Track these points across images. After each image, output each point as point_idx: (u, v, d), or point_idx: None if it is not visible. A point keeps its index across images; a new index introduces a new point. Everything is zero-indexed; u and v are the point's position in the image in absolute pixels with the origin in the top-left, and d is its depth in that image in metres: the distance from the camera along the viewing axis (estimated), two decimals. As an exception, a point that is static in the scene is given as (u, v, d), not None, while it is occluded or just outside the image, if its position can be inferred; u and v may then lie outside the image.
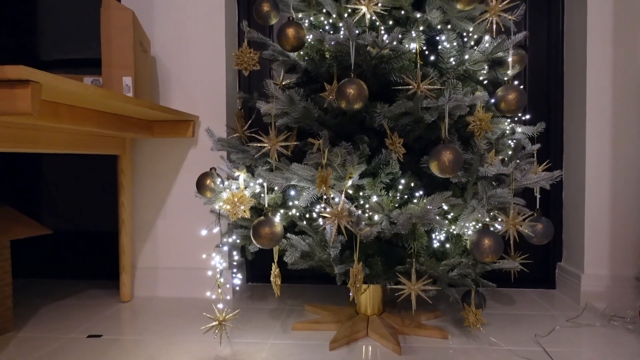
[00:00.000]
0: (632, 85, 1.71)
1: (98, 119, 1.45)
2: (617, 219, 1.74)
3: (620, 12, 1.71)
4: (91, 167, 2.21)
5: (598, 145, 1.73)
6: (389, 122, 1.26)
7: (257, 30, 1.79)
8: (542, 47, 1.97)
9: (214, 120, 1.87)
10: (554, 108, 1.95)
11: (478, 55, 1.30)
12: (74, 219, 2.23)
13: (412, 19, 1.31)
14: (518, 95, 1.21)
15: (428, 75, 1.29)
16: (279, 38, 1.24)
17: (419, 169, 1.36)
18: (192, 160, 1.90)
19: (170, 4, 1.87)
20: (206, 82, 1.87)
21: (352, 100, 1.13)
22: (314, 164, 1.18)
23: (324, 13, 1.36)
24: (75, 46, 2.24)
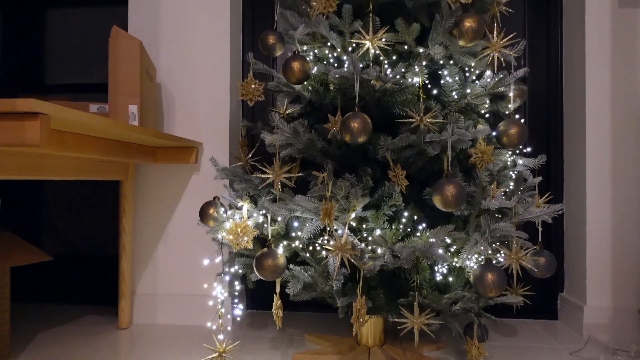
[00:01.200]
0: (632, 115, 1.74)
1: (103, 146, 1.46)
2: (618, 250, 1.73)
3: (618, 43, 1.75)
4: (93, 192, 2.22)
5: (598, 176, 1.74)
6: (392, 154, 1.27)
7: (261, 61, 1.82)
8: (541, 78, 2.00)
9: (217, 146, 1.88)
10: (554, 140, 1.97)
11: (480, 89, 1.32)
12: (74, 243, 2.22)
13: (415, 53, 1.33)
14: (520, 129, 1.22)
15: (431, 109, 1.31)
16: (285, 71, 1.27)
17: (421, 200, 1.37)
18: (195, 187, 1.90)
19: (176, 33, 1.91)
20: (210, 109, 1.89)
21: (356, 134, 1.14)
22: (318, 196, 1.19)
23: (328, 46, 1.39)
24: (80, 71, 2.27)
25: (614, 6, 1.76)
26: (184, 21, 1.90)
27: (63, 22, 2.29)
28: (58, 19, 2.29)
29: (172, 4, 1.91)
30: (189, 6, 1.90)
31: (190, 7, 1.90)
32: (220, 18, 1.88)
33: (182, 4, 1.90)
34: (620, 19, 1.75)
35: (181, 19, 1.90)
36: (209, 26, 1.89)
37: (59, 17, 2.29)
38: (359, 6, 1.33)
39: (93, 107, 1.65)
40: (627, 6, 1.76)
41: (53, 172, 1.42)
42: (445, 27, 1.22)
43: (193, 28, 1.90)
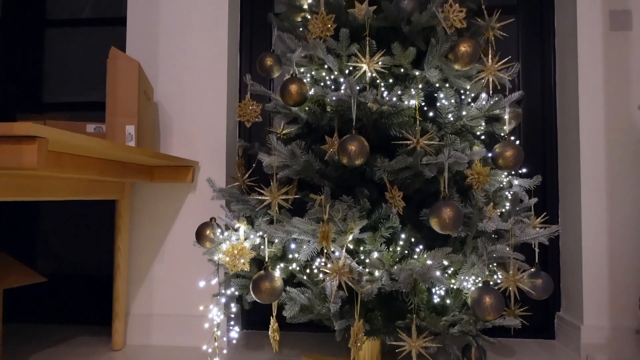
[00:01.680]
0: (625, 136, 1.76)
1: (100, 167, 1.46)
2: (615, 269, 1.74)
3: (610, 65, 1.78)
4: (88, 211, 2.20)
5: (594, 196, 1.75)
6: (389, 175, 1.28)
7: (258, 81, 1.84)
8: (536, 100, 2.03)
9: (214, 166, 1.89)
10: (549, 160, 1.99)
11: (475, 111, 1.33)
12: (68, 262, 2.20)
13: (411, 76, 1.35)
14: (516, 152, 1.23)
15: (427, 131, 1.32)
16: (282, 94, 1.28)
17: (418, 221, 1.37)
18: (191, 206, 1.90)
19: (174, 53, 1.92)
20: (207, 128, 1.90)
21: (353, 157, 1.15)
22: (315, 218, 1.19)
23: (325, 69, 1.41)
24: (78, 90, 2.28)
25: (605, 29, 1.79)
26: (182, 42, 1.92)
27: (62, 41, 2.30)
28: (57, 38, 2.31)
29: (170, 25, 1.93)
30: (187, 27, 1.92)
31: (189, 28, 1.92)
32: (218, 39, 1.90)
33: (180, 25, 1.92)
34: (612, 41, 1.78)
35: (179, 39, 1.92)
36: (207, 47, 1.90)
37: (57, 36, 2.31)
38: (355, 30, 1.35)
39: (90, 127, 1.65)
40: (618, 29, 1.79)
41: (50, 193, 1.42)
42: (441, 52, 1.24)
43: (191, 48, 1.91)
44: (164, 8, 1.94)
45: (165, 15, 1.94)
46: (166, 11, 1.94)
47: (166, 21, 1.94)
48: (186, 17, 1.92)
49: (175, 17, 1.93)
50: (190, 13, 1.92)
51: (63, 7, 2.32)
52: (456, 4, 1.27)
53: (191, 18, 1.92)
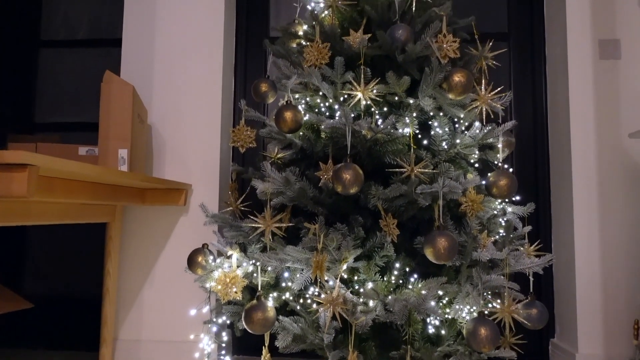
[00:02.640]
0: (617, 162, 1.77)
1: (92, 191, 1.44)
2: (608, 296, 1.73)
3: (601, 92, 1.80)
4: (78, 232, 2.17)
5: (586, 222, 1.76)
6: (383, 203, 1.28)
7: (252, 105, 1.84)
8: (528, 127, 2.05)
9: (207, 189, 1.87)
10: (542, 187, 2.00)
11: (469, 139, 1.34)
12: (56, 285, 2.16)
13: (405, 104, 1.36)
14: (509, 181, 1.24)
15: (421, 158, 1.33)
16: (277, 120, 1.28)
17: (413, 248, 1.36)
18: (183, 228, 1.88)
19: (169, 76, 1.92)
20: (201, 151, 1.89)
21: (348, 185, 1.15)
22: (309, 246, 1.18)
23: (320, 95, 1.41)
24: (70, 110, 2.27)
25: (595, 57, 1.82)
26: (177, 64, 1.92)
27: (56, 61, 2.30)
28: (51, 58, 2.30)
29: (165, 47, 1.93)
30: (182, 50, 1.93)
31: (184, 50, 1.93)
32: (213, 62, 1.91)
33: (175, 47, 1.93)
34: (602, 69, 1.82)
35: (174, 61, 1.93)
36: (202, 70, 1.91)
37: (52, 56, 2.30)
38: (350, 58, 1.36)
39: (82, 149, 1.63)
40: (608, 58, 1.83)
41: (39, 217, 1.39)
42: (435, 81, 1.25)
43: (186, 71, 1.92)
44: (159, 30, 1.95)
45: (161, 38, 1.94)
46: (161, 33, 1.95)
47: (161, 43, 1.94)
48: (181, 40, 1.93)
49: (171, 40, 1.94)
50: (185, 36, 1.93)
51: (58, 28, 2.32)
52: (450, 35, 1.28)
53: (186, 41, 1.93)
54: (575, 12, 1.85)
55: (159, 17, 1.95)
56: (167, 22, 1.94)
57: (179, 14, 1.94)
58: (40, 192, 1.20)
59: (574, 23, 1.84)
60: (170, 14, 1.95)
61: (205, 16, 1.93)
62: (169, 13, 1.95)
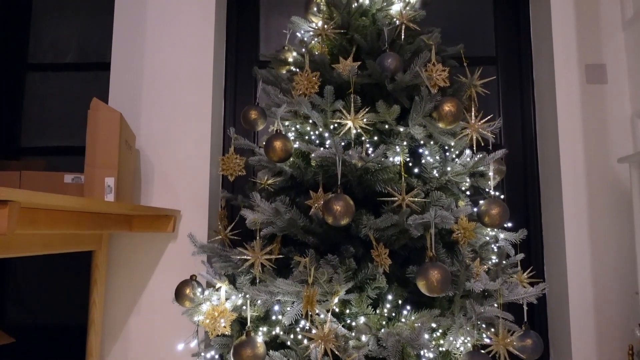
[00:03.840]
0: (607, 187, 1.78)
1: (77, 220, 1.40)
2: (602, 321, 1.72)
3: (588, 116, 1.82)
4: (62, 261, 2.12)
5: (578, 248, 1.75)
6: (375, 233, 1.26)
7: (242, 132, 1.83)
8: (517, 152, 2.05)
9: (196, 215, 1.84)
10: (532, 212, 1.99)
11: (460, 167, 1.34)
12: (39, 314, 2.09)
13: (395, 132, 1.35)
14: (501, 210, 1.23)
15: (412, 187, 1.32)
16: (267, 150, 1.26)
17: (405, 277, 1.34)
18: (171, 255, 1.84)
19: (157, 101, 1.90)
20: (190, 177, 1.86)
21: (338, 217, 1.13)
22: (300, 279, 1.15)
23: (310, 123, 1.40)
24: (57, 134, 2.24)
25: (582, 82, 1.84)
26: (167, 89, 1.91)
27: (43, 85, 2.27)
28: (38, 81, 2.28)
29: (154, 72, 1.92)
30: (171, 74, 1.91)
31: (173, 75, 1.91)
32: (203, 87, 1.90)
33: (164, 72, 1.92)
34: (589, 93, 1.83)
35: (163, 86, 1.91)
36: (191, 95, 1.90)
37: (39, 80, 2.28)
38: (340, 86, 1.36)
39: (68, 177, 1.60)
40: (594, 82, 1.85)
41: (21, 249, 1.35)
42: (425, 110, 1.25)
43: (175, 96, 1.90)
44: (149, 55, 1.93)
45: (150, 62, 1.93)
46: (151, 58, 1.93)
47: (150, 68, 1.93)
48: (171, 65, 1.92)
49: (160, 65, 1.92)
50: (175, 61, 1.92)
51: (46, 51, 2.30)
52: (439, 64, 1.29)
53: (176, 66, 1.92)
54: (562, 37, 1.87)
55: (148, 41, 1.94)
56: (156, 46, 1.93)
57: (169, 38, 1.93)
58: (23, 225, 1.17)
59: (561, 48, 1.87)
60: (159, 38, 1.94)
61: (195, 42, 1.92)
62: (158, 38, 1.94)
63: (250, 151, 1.54)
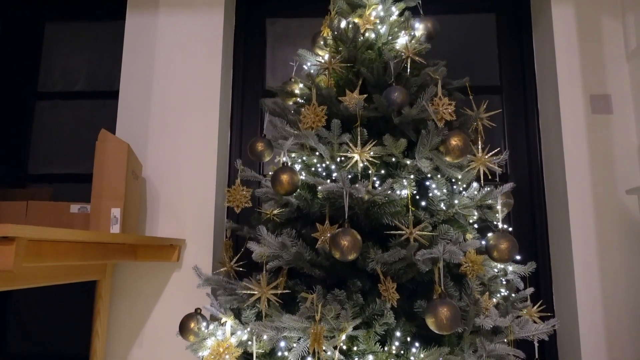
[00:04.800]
0: (615, 217, 1.76)
1: (82, 251, 1.40)
2: (613, 355, 1.68)
3: (594, 146, 1.81)
4: (65, 290, 2.10)
5: (587, 280, 1.72)
6: (382, 267, 1.24)
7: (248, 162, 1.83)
8: (524, 183, 2.03)
9: (201, 244, 1.83)
10: (540, 245, 1.96)
11: (467, 200, 1.33)
12: (41, 344, 2.07)
13: (402, 164, 1.35)
14: (510, 244, 1.21)
15: (420, 219, 1.31)
16: (273, 183, 1.26)
17: (412, 311, 1.32)
18: (176, 285, 1.82)
19: (165, 129, 1.92)
20: (195, 206, 1.86)
21: (346, 252, 1.12)
22: (307, 315, 1.14)
23: (317, 155, 1.40)
24: (64, 161, 2.25)
25: (587, 112, 1.85)
26: (174, 118, 1.93)
27: (52, 113, 2.30)
28: (47, 110, 2.30)
29: (162, 101, 1.94)
30: (179, 104, 1.93)
31: (180, 105, 1.93)
32: (210, 117, 1.91)
33: (172, 101, 1.94)
34: (595, 124, 1.83)
35: (171, 116, 1.93)
36: (198, 125, 1.91)
37: (48, 108, 2.31)
38: (346, 118, 1.36)
39: (74, 207, 1.60)
40: (600, 112, 1.85)
41: (26, 281, 1.34)
42: (432, 144, 1.25)
43: (182, 126, 1.92)
44: (157, 84, 1.96)
45: (157, 91, 1.95)
46: (158, 87, 1.96)
47: (158, 97, 1.95)
48: (178, 95, 1.94)
49: (168, 94, 1.95)
50: (182, 90, 1.94)
51: (56, 80, 2.33)
52: (445, 97, 1.29)
53: (183, 95, 1.94)
54: (566, 67, 1.88)
55: (156, 71, 1.97)
56: (164, 76, 1.96)
57: (177, 68, 1.96)
58: (28, 258, 1.16)
59: (565, 78, 1.87)
60: (167, 68, 1.97)
61: (202, 72, 1.95)
62: (166, 67, 1.97)
63: (257, 182, 1.54)
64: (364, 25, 1.46)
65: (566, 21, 1.91)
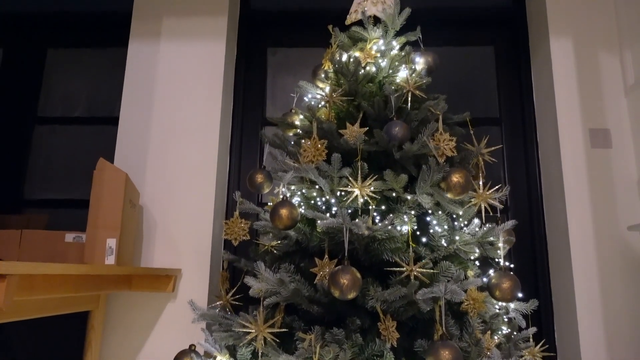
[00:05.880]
0: (617, 257, 1.73)
1: (75, 283, 1.37)
2: (619, 396, 1.64)
3: (594, 180, 1.80)
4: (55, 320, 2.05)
5: (590, 319, 1.69)
6: (382, 304, 1.22)
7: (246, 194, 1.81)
8: (524, 214, 2.02)
9: (197, 274, 1.80)
10: (542, 281, 1.93)
11: (468, 237, 1.31)
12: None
13: (402, 199, 1.34)
14: (513, 284, 1.19)
15: (420, 256, 1.29)
16: (272, 218, 1.24)
17: (412, 350, 1.28)
18: (170, 316, 1.78)
19: (164, 156, 1.91)
20: (192, 235, 1.84)
21: (345, 291, 1.09)
22: (304, 357, 1.10)
23: (316, 189, 1.39)
24: (61, 186, 2.23)
25: (586, 146, 1.85)
26: (173, 147, 1.92)
27: (50, 138, 2.29)
28: (46, 135, 2.30)
29: (161, 129, 1.94)
30: (178, 132, 1.93)
31: (180, 133, 1.93)
32: (209, 147, 1.91)
33: (172, 129, 1.93)
34: (594, 158, 1.83)
35: (170, 144, 1.92)
36: (197, 154, 1.90)
37: (47, 133, 2.30)
38: (347, 152, 1.35)
39: (69, 236, 1.58)
40: (599, 147, 1.85)
41: (16, 313, 1.31)
42: (433, 180, 1.24)
43: (181, 154, 1.91)
44: (157, 111, 1.96)
45: (157, 119, 1.95)
46: (158, 114, 1.96)
47: (158, 124, 1.95)
48: (178, 123, 1.94)
49: (167, 121, 1.94)
50: (182, 118, 1.94)
51: (55, 105, 2.33)
52: (446, 133, 1.29)
53: (183, 123, 1.94)
54: (565, 101, 1.89)
55: (157, 98, 1.98)
56: (165, 103, 1.96)
57: (177, 96, 1.97)
58: (20, 292, 1.13)
59: (564, 111, 1.88)
60: (168, 96, 1.97)
61: (202, 100, 1.95)
62: (167, 95, 1.97)
63: (255, 216, 1.52)
64: (365, 59, 1.47)
65: (564, 55, 1.93)
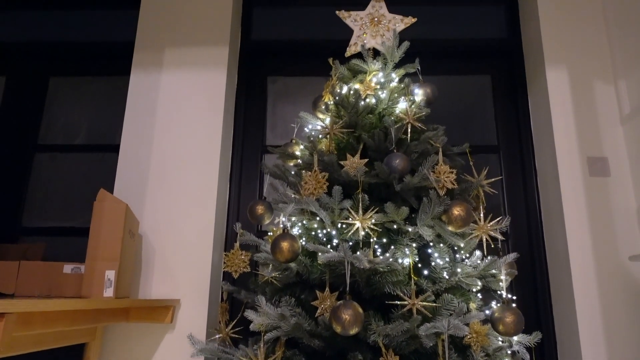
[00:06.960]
0: (619, 287, 1.72)
1: (73, 317, 1.35)
2: None
3: (594, 208, 1.80)
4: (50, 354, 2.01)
5: (593, 349, 1.67)
6: (384, 339, 1.20)
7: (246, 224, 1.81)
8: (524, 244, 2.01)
9: (195, 304, 1.78)
10: (544, 313, 1.92)
11: (470, 269, 1.31)
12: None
13: (403, 231, 1.33)
14: (516, 318, 1.18)
15: (422, 288, 1.28)
16: (273, 250, 1.24)
17: (415, 385, 1.27)
18: (168, 348, 1.75)
19: (163, 186, 1.91)
20: (191, 264, 1.82)
21: (347, 326, 1.08)
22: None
23: (317, 221, 1.39)
24: (60, 214, 2.22)
25: (585, 174, 1.85)
26: (173, 176, 1.92)
27: (50, 165, 2.29)
28: (46, 162, 2.30)
29: (162, 157, 1.94)
30: (179, 160, 1.93)
31: (180, 161, 1.93)
32: (209, 176, 1.90)
33: (172, 157, 1.94)
34: (593, 186, 1.84)
35: (170, 172, 1.92)
36: (197, 183, 1.90)
37: (47, 160, 2.30)
38: (347, 184, 1.36)
39: (67, 267, 1.56)
40: (597, 175, 1.86)
41: (12, 349, 1.28)
42: (434, 213, 1.24)
43: (181, 183, 1.91)
44: (157, 140, 1.97)
45: (158, 147, 1.96)
46: (159, 143, 1.96)
47: (158, 153, 1.95)
48: (179, 151, 1.94)
49: (168, 150, 1.95)
50: (183, 147, 1.95)
51: (56, 133, 2.34)
52: (446, 165, 1.30)
53: (183, 152, 1.94)
54: (562, 130, 1.91)
55: (158, 127, 1.99)
56: (165, 132, 1.97)
57: (178, 125, 1.98)
58: (17, 328, 1.11)
59: (562, 140, 1.89)
60: (169, 124, 1.98)
61: (203, 129, 1.96)
62: (168, 124, 1.98)
63: (255, 248, 1.51)
64: (364, 91, 1.49)
65: (560, 85, 1.96)
